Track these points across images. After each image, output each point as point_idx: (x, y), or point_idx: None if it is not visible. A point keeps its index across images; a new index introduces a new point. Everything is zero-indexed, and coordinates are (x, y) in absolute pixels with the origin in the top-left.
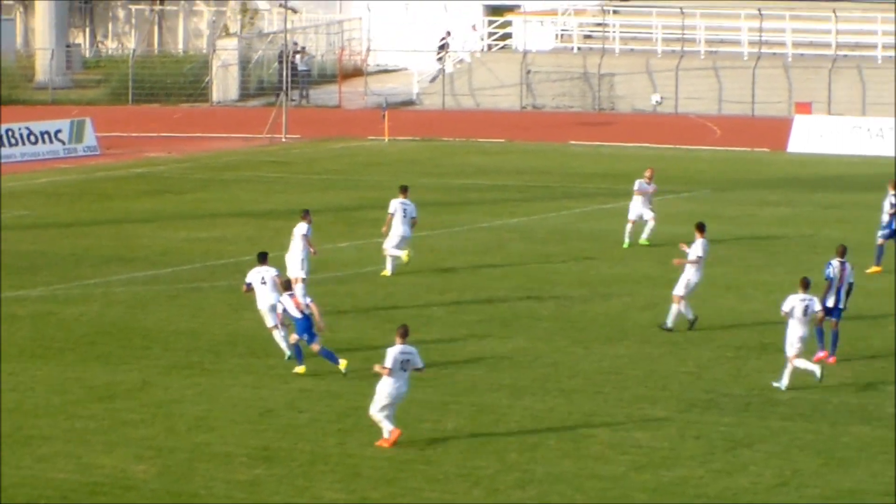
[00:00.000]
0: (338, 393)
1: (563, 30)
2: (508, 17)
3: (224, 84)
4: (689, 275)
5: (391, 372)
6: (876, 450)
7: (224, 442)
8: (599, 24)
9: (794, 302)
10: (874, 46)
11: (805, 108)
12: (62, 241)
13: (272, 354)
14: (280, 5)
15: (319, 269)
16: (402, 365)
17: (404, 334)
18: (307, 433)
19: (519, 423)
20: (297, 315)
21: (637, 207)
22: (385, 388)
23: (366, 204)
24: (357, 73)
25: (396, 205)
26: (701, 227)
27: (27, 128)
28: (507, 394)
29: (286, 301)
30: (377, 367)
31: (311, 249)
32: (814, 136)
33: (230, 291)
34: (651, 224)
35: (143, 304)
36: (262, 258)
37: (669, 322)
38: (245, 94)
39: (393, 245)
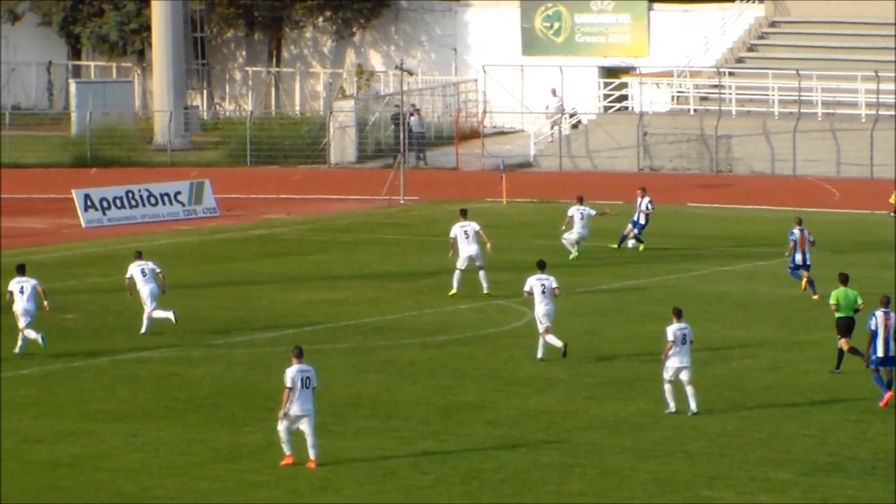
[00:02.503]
0: (460, 455)
1: (679, 92)
2: (624, 78)
3: (341, 146)
4: None
5: (291, 391)
6: None
7: None
8: (715, 86)
9: (674, 332)
10: None
11: None
12: (183, 303)
13: (395, 416)
14: (396, 67)
15: (440, 332)
16: (304, 383)
17: (299, 354)
18: (432, 495)
19: (643, 486)
20: None
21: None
22: (292, 407)
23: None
24: (474, 134)
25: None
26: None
27: (147, 189)
28: (629, 457)
29: None
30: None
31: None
32: None
33: (352, 353)
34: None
35: (265, 365)
36: (21, 270)
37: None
38: (362, 156)
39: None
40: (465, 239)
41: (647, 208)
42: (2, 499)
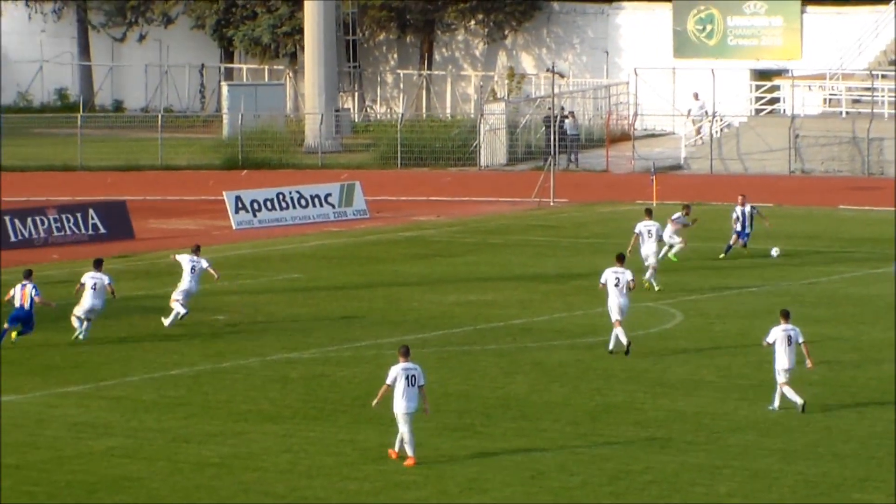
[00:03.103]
0: (608, 456)
1: (830, 94)
2: (776, 81)
3: (491, 148)
4: None
5: (391, 388)
6: None
7: None
8: (868, 89)
9: (777, 333)
10: None
11: None
12: (333, 304)
13: (543, 418)
14: (547, 70)
15: (589, 333)
16: (409, 381)
17: (405, 353)
18: (579, 496)
19: (792, 488)
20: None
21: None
22: (399, 405)
23: (634, 268)
24: (624, 137)
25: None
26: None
27: (297, 191)
28: (778, 458)
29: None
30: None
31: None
32: None
33: (501, 355)
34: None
35: None
36: (98, 265)
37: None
38: (513, 159)
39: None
40: (649, 238)
41: (751, 215)
42: (132, 498)
